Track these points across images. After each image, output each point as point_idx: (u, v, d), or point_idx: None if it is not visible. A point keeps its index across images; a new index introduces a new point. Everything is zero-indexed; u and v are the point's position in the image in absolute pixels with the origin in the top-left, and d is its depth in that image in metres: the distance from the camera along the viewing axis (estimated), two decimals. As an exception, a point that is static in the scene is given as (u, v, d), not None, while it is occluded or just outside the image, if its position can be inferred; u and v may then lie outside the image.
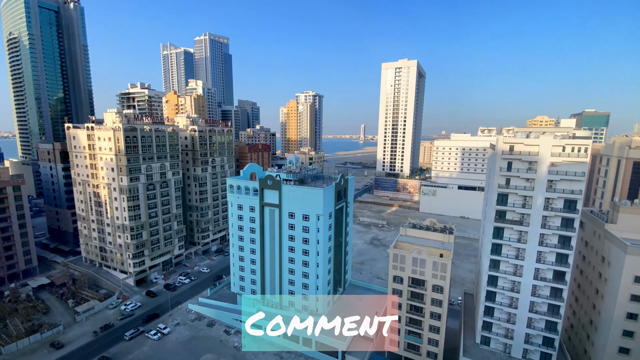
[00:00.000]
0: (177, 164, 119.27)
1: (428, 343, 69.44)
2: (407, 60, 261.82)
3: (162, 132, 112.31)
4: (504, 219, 63.35)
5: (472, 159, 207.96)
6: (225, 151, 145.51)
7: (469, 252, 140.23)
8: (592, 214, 68.02)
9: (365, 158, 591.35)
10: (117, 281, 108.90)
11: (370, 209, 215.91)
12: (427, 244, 71.44)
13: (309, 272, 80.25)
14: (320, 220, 76.65)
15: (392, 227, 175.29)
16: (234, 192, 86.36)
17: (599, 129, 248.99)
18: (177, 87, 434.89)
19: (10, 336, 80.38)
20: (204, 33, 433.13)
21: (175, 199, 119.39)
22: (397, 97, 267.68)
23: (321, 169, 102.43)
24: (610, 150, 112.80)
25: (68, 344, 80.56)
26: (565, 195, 58.25)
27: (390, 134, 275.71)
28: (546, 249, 60.33)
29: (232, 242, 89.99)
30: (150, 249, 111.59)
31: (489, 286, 65.74)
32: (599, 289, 61.31)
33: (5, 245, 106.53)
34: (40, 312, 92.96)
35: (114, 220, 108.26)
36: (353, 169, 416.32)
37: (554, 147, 58.28)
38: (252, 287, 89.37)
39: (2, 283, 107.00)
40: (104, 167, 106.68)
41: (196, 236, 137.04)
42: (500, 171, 62.60)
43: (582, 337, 66.12)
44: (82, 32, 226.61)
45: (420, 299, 68.79)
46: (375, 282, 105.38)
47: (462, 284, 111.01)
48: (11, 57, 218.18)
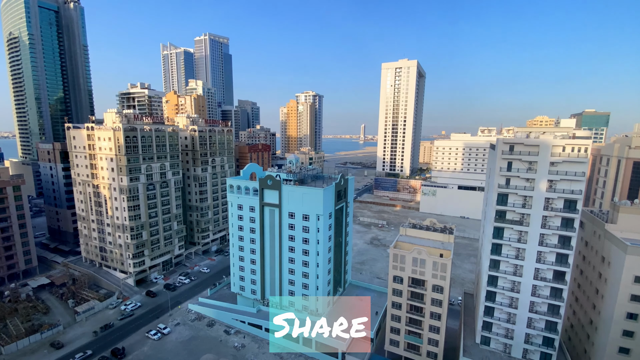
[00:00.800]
0: (177, 164, 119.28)
1: (428, 343, 69.42)
2: (407, 60, 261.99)
3: (162, 132, 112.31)
4: (504, 219, 63.33)
5: (472, 159, 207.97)
6: (225, 151, 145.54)
7: (469, 252, 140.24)
8: (592, 214, 68.02)
9: (365, 158, 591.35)
10: (117, 281, 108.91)
11: (370, 209, 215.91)
12: (427, 244, 71.43)
13: (309, 272, 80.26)
14: (320, 220, 76.66)
15: (392, 227, 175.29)
16: (234, 192, 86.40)
17: (599, 129, 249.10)
18: (177, 87, 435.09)
19: (10, 336, 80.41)
20: (204, 33, 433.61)
21: (175, 199, 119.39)
22: (397, 97, 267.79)
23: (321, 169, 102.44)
24: (610, 150, 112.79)
25: (68, 344, 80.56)
26: (565, 195, 58.23)
27: (390, 133, 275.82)
28: (546, 249, 60.30)
29: (232, 242, 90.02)
30: (150, 249, 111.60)
31: (489, 286, 65.74)
32: (599, 289, 61.31)
33: (5, 245, 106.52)
34: (40, 312, 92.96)
35: (114, 220, 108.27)
36: (353, 169, 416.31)
37: (554, 147, 58.25)
38: (252, 287, 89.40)
39: (2, 283, 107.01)
40: (104, 167, 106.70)
41: (196, 236, 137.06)
42: (500, 171, 62.58)
43: (582, 337, 66.11)
44: (82, 32, 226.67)
45: (420, 299, 68.78)
46: (375, 282, 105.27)
47: (462, 284, 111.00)
48: (11, 57, 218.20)
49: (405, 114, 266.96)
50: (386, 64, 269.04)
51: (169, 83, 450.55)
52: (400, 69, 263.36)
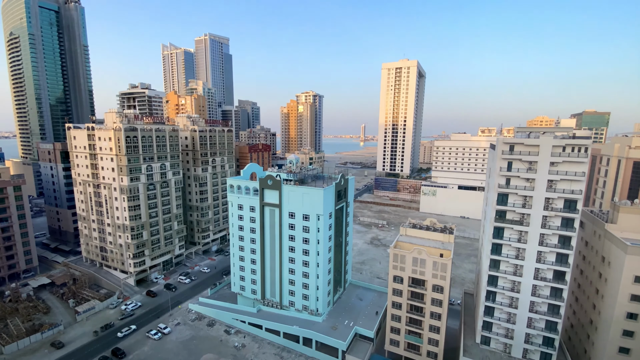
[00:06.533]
0: (177, 164, 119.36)
1: (428, 343, 69.51)
2: (407, 60, 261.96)
3: (163, 132, 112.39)
4: (504, 219, 63.37)
5: (472, 159, 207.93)
6: (225, 151, 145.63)
7: (469, 252, 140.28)
8: (592, 214, 68.05)
9: (365, 158, 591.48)
10: (117, 281, 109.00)
11: (371, 209, 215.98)
12: (427, 244, 71.51)
13: (309, 272, 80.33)
14: (321, 220, 76.73)
15: (392, 227, 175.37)
16: (234, 192, 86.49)
17: (599, 129, 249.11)
18: (178, 87, 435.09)
19: (10, 336, 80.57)
20: (204, 33, 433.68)
21: (176, 199, 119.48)
22: (397, 97, 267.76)
23: (321, 169, 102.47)
24: (610, 150, 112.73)
25: (68, 343, 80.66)
26: (565, 195, 58.27)
27: (390, 133, 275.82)
28: (546, 249, 60.34)
29: (233, 242, 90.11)
30: (150, 249, 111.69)
31: (489, 286, 65.78)
32: (599, 288, 61.35)
33: (6, 245, 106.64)
34: (40, 311, 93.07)
35: (115, 220, 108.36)
36: (353, 169, 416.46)
37: (554, 147, 58.25)
38: (252, 287, 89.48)
39: (3, 283, 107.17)
40: (104, 167, 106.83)
41: (196, 236, 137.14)
42: (500, 171, 62.63)
43: (582, 337, 66.16)
44: (83, 32, 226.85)
45: (421, 299, 68.85)
46: (375, 282, 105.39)
47: (462, 284, 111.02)
48: (12, 57, 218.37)
49: (406, 114, 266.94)
50: (386, 64, 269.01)
51: (169, 83, 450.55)
52: (400, 69, 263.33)
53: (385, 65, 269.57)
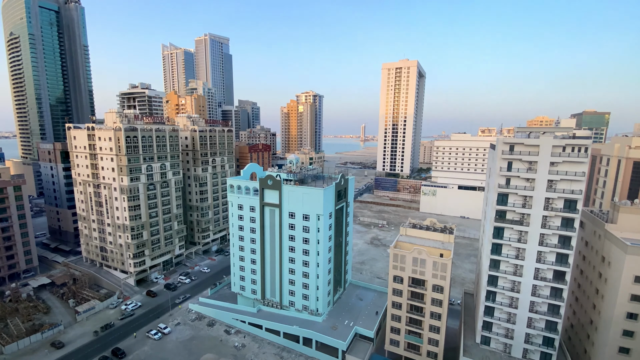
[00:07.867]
0: (177, 164, 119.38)
1: (428, 343, 69.53)
2: (407, 60, 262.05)
3: (163, 132, 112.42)
4: (504, 219, 63.39)
5: (472, 159, 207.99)
6: (225, 151, 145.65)
7: (469, 252, 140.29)
8: (592, 214, 68.07)
9: (365, 158, 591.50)
10: (117, 281, 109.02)
11: (371, 209, 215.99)
12: (427, 244, 71.53)
13: (309, 272, 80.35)
14: (321, 220, 76.75)
15: (392, 227, 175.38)
16: (234, 192, 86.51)
17: (599, 129, 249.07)
18: (178, 87, 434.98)
19: (11, 336, 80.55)
20: (204, 33, 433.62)
21: (176, 198, 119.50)
22: (397, 97, 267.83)
23: (321, 168, 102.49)
24: (610, 150, 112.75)
25: (69, 343, 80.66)
26: (565, 195, 58.27)
27: (390, 134, 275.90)
28: (546, 249, 60.35)
29: (233, 242, 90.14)
30: (150, 249, 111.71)
31: (489, 286, 65.80)
32: (599, 288, 61.36)
33: (6, 245, 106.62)
34: (40, 311, 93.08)
35: (115, 220, 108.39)
36: (353, 169, 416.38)
37: (554, 147, 58.26)
38: (252, 287, 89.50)
39: (3, 283, 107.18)
40: (104, 167, 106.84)
41: (196, 236, 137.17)
42: (500, 171, 62.64)
43: (582, 337, 66.17)
44: (83, 32, 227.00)
45: (421, 299, 68.88)
46: (375, 282, 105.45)
47: (462, 284, 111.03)
48: (12, 57, 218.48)
49: (406, 114, 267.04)
50: (386, 64, 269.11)
51: (169, 83, 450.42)
52: (401, 69, 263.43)
53: (385, 65, 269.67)
